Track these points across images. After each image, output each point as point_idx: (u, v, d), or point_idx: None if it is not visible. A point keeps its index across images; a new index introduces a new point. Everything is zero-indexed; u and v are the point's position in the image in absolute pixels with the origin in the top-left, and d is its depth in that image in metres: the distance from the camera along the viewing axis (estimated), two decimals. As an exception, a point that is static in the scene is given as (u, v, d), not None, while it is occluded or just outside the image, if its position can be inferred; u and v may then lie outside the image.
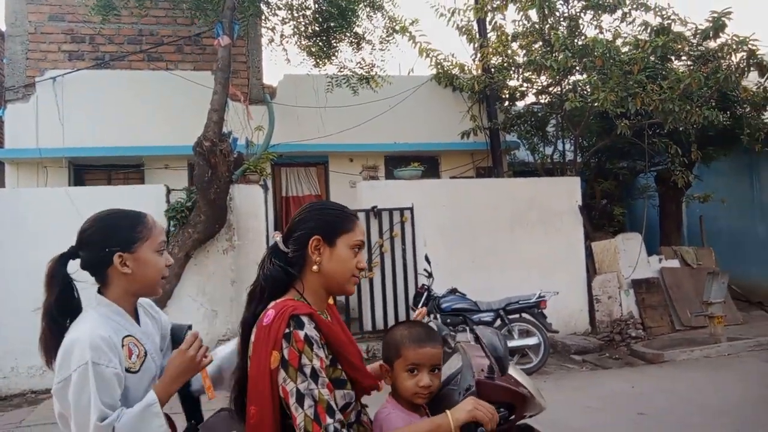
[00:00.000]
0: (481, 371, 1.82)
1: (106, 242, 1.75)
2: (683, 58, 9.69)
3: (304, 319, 1.57)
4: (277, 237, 1.77)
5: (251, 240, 7.88)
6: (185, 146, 7.68)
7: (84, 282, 1.80)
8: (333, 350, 1.62)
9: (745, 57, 8.32)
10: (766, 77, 8.71)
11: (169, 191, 7.91)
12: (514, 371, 1.94)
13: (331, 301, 1.86)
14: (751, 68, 8.48)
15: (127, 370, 1.67)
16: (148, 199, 7.65)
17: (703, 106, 8.56)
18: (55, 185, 8.91)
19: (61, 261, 1.77)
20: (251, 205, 7.97)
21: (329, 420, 1.50)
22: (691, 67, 9.05)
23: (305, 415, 1.49)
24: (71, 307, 1.75)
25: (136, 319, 1.84)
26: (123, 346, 1.69)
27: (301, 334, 1.54)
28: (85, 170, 9.90)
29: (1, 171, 10.14)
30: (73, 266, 1.79)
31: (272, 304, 1.63)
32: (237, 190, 7.89)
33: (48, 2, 9.90)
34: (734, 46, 8.30)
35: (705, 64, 8.64)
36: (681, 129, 9.18)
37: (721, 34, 8.37)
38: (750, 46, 8.19)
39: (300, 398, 1.50)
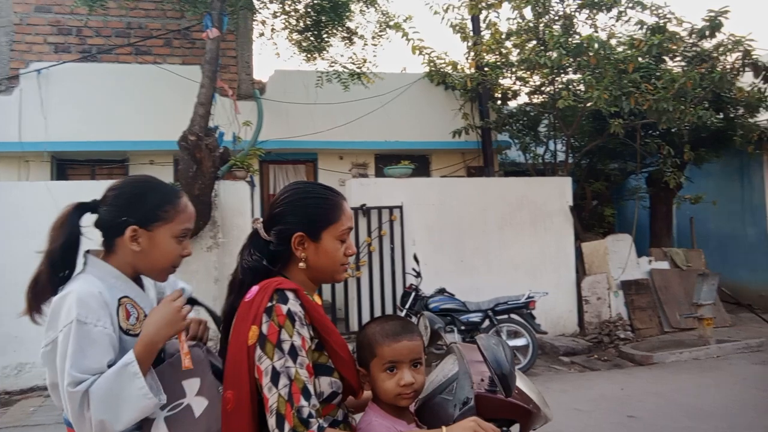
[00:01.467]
0: (481, 381, 1.65)
1: (125, 210, 1.62)
2: (677, 58, 9.64)
3: (289, 294, 1.44)
4: (258, 225, 1.63)
5: (236, 238, 7.74)
6: (171, 141, 7.53)
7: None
8: (318, 334, 1.48)
9: (740, 57, 8.27)
10: (761, 77, 8.66)
11: (153, 186, 7.74)
12: (518, 378, 1.76)
13: (319, 301, 1.72)
14: (746, 68, 8.43)
15: (126, 333, 1.54)
16: (131, 195, 7.50)
17: (697, 106, 8.50)
18: (37, 180, 8.73)
19: (78, 210, 1.64)
20: (237, 202, 7.84)
21: (303, 402, 1.34)
22: (685, 68, 9.00)
23: (278, 396, 1.34)
24: (73, 261, 1.61)
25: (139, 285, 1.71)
26: (119, 305, 1.55)
27: (284, 308, 1.41)
28: (68, 165, 9.72)
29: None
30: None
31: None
32: (222, 186, 7.75)
33: (34, -8, 9.72)
34: (730, 46, 8.24)
35: (700, 63, 8.57)
36: (673, 130, 9.11)
37: (717, 34, 8.31)
38: (746, 46, 8.14)
39: (275, 377, 1.35)
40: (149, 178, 1.72)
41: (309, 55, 9.08)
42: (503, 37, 10.39)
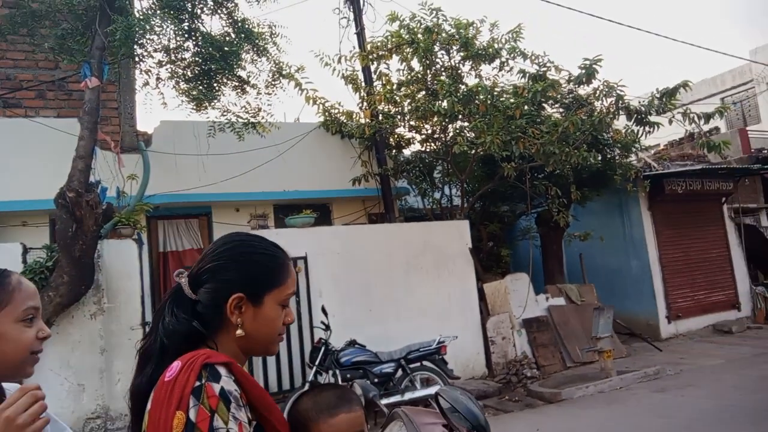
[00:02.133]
0: None
1: None
2: (556, 105, 10.27)
3: (221, 369, 1.18)
4: (182, 279, 1.35)
5: (124, 302, 7.05)
6: (46, 200, 6.81)
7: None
8: (257, 414, 1.23)
9: (614, 102, 8.93)
10: (633, 120, 9.40)
11: (26, 250, 6.95)
12: None
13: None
14: (620, 112, 9.12)
15: None
16: (-2, 260, 6.66)
17: (580, 148, 9.01)
18: None
19: None
20: (123, 263, 7.17)
21: None
22: (563, 113, 9.58)
23: None
24: None
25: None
26: None
27: (216, 387, 1.15)
28: None
29: None
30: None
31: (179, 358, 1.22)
32: (106, 246, 7.09)
33: None
34: (605, 91, 8.89)
35: (578, 108, 9.16)
36: (558, 172, 9.59)
37: (592, 80, 8.95)
38: (618, 91, 8.81)
39: None
40: None
41: (199, 105, 8.66)
42: (395, 87, 10.62)
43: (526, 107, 9.16)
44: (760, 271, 13.02)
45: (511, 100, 9.15)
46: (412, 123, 10.78)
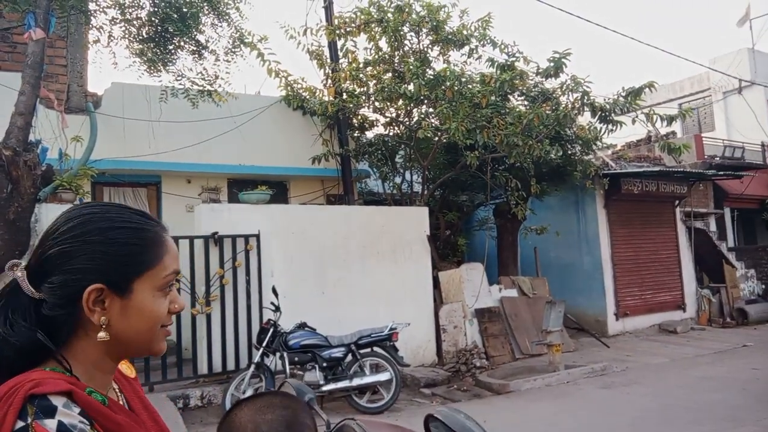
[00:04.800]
0: None
1: None
2: (521, 97, 10.19)
3: (56, 401, 0.88)
4: (18, 273, 0.99)
5: (61, 270, 6.63)
6: (-20, 157, 6.31)
7: None
8: None
9: (580, 97, 8.90)
10: (597, 117, 9.41)
11: (-47, 210, 6.43)
12: None
13: (132, 373, 1.15)
14: (585, 108, 9.11)
15: None
16: None
17: (543, 141, 8.96)
18: None
19: None
20: (63, 229, 6.74)
21: None
22: (528, 106, 9.50)
23: None
24: None
25: None
26: None
27: (51, 424, 0.85)
28: None
29: None
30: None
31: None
32: (45, 210, 6.64)
33: None
34: (572, 86, 8.85)
35: (543, 102, 9.10)
36: (519, 164, 9.55)
37: (560, 74, 8.88)
38: (585, 87, 8.78)
39: None
40: None
41: (152, 67, 8.20)
42: (361, 66, 10.35)
43: (492, 97, 9.04)
44: (706, 274, 13.38)
45: (478, 89, 9.01)
46: (376, 104, 10.54)
